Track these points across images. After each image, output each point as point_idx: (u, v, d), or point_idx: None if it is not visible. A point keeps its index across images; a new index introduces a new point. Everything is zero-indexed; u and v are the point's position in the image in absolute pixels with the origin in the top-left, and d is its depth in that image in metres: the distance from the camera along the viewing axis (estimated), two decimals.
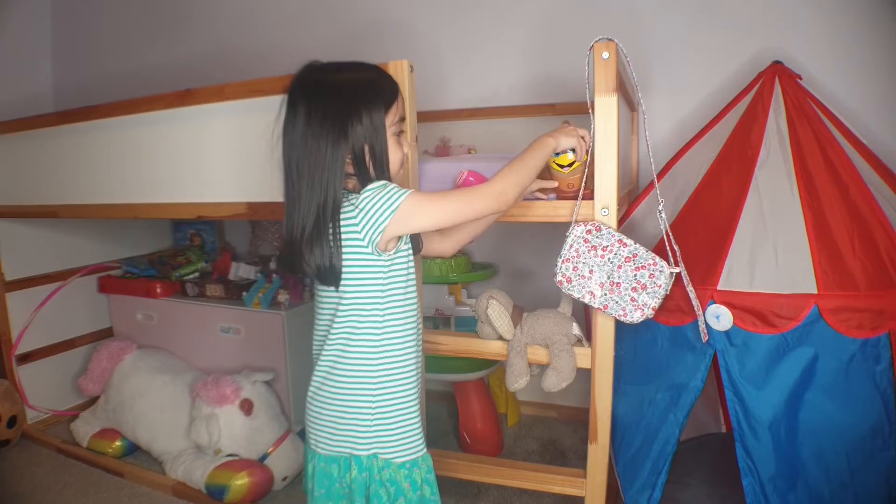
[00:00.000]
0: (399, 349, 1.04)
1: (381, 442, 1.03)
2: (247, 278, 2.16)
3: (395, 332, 1.03)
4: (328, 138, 0.96)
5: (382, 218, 0.96)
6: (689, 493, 1.44)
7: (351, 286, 1.01)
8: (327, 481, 1.05)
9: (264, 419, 1.84)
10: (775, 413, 1.13)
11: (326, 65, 1.03)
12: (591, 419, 1.26)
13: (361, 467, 1.02)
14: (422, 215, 1.00)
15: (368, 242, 0.98)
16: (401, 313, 1.04)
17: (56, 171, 1.86)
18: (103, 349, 2.16)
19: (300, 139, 0.98)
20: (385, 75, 1.06)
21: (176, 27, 2.63)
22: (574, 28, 1.98)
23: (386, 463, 1.03)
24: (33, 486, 1.85)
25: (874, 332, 1.09)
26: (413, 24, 2.19)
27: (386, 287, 1.01)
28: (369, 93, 1.00)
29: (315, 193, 0.97)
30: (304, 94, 0.99)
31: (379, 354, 1.02)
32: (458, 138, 2.02)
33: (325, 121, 0.96)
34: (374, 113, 0.99)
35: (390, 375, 1.03)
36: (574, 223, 1.20)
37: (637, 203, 1.51)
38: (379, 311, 1.02)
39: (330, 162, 0.96)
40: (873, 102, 1.69)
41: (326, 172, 0.96)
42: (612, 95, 1.14)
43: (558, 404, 2.17)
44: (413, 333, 1.07)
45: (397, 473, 1.03)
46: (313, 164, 0.97)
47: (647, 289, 1.16)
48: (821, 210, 1.21)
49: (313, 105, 0.98)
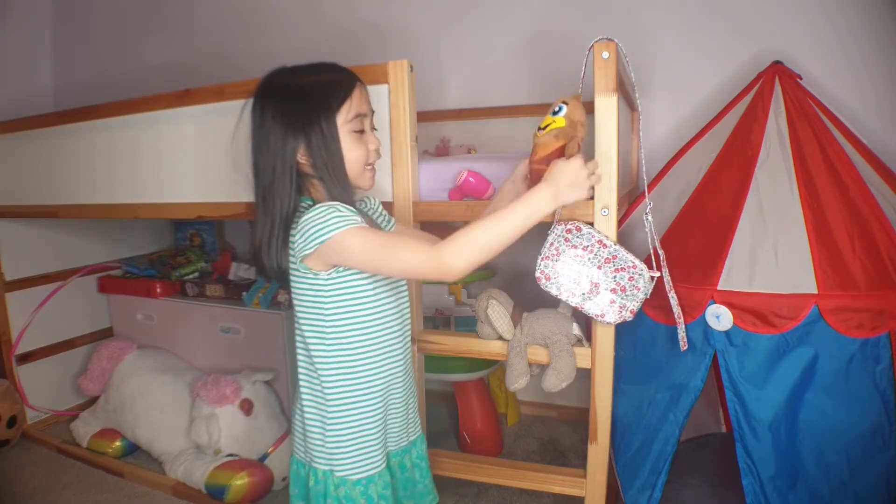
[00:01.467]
0: (356, 365, 1.01)
1: (336, 458, 1.02)
2: (247, 278, 2.16)
3: (349, 348, 1.00)
4: (276, 137, 0.97)
5: (310, 244, 0.93)
6: (689, 493, 1.45)
7: (297, 296, 1.01)
8: (299, 483, 1.08)
9: (264, 419, 1.84)
10: (775, 413, 1.13)
11: (284, 69, 1.04)
12: (591, 419, 1.26)
13: (317, 480, 1.03)
14: (350, 258, 0.94)
15: (296, 261, 0.98)
16: (359, 330, 1.00)
17: (56, 171, 1.86)
18: (103, 349, 2.16)
19: (256, 143, 1.00)
20: (341, 73, 1.03)
21: (176, 27, 2.63)
22: (574, 28, 1.98)
23: (342, 480, 1.01)
24: (33, 486, 1.85)
25: (874, 332, 1.09)
26: (413, 24, 2.19)
27: (330, 303, 0.98)
28: (319, 91, 0.99)
29: (270, 195, 0.99)
30: (258, 97, 1.01)
31: (330, 368, 1.01)
32: (458, 138, 2.02)
33: (274, 120, 0.98)
34: (322, 111, 0.98)
35: (345, 392, 1.01)
36: (556, 222, 1.20)
37: (637, 203, 1.51)
38: (325, 326, 0.99)
39: (279, 162, 0.98)
40: (873, 102, 1.69)
41: (278, 174, 0.98)
42: (612, 95, 1.13)
43: (558, 404, 2.17)
44: (378, 349, 1.02)
45: (353, 490, 1.01)
46: (266, 166, 0.99)
47: (626, 291, 1.16)
48: (821, 210, 1.21)
49: (265, 106, 0.99)
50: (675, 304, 1.16)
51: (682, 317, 1.16)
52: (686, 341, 1.16)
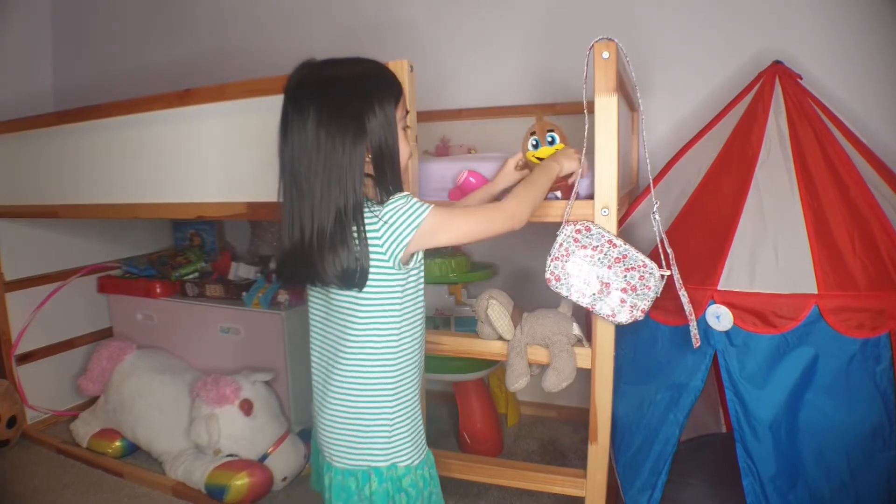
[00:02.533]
0: (411, 359, 1.05)
1: (399, 451, 1.03)
2: (247, 278, 2.16)
3: (409, 343, 1.04)
4: (345, 135, 0.92)
5: (406, 232, 0.95)
6: (689, 493, 1.44)
7: (370, 295, 0.98)
8: (345, 494, 1.04)
9: (264, 419, 1.84)
10: (776, 413, 1.12)
11: (326, 62, 1.00)
12: (591, 419, 1.26)
13: (382, 479, 1.02)
14: (443, 232, 1.00)
15: (390, 257, 0.96)
16: (415, 325, 1.05)
17: (56, 171, 1.86)
18: (103, 349, 2.16)
19: (312, 140, 0.93)
20: (387, 69, 1.03)
21: (176, 27, 2.63)
22: (574, 28, 1.98)
23: (406, 469, 1.03)
24: (33, 486, 1.85)
25: (874, 332, 1.09)
26: (413, 23, 2.19)
27: (403, 300, 1.01)
28: (381, 86, 0.98)
29: (333, 195, 0.92)
30: (311, 93, 0.95)
31: (396, 366, 1.02)
32: (458, 138, 2.02)
33: (342, 118, 0.93)
34: (386, 106, 0.96)
35: (405, 385, 1.04)
36: (565, 222, 1.20)
37: (637, 203, 1.51)
38: (396, 323, 1.01)
39: (349, 160, 0.93)
40: (873, 102, 1.69)
41: (346, 171, 0.92)
42: (612, 95, 1.13)
43: (558, 404, 2.17)
44: (421, 339, 1.08)
45: (415, 476, 1.04)
46: (330, 165, 0.92)
47: (636, 290, 1.16)
48: (821, 210, 1.21)
49: (324, 102, 0.93)
50: (685, 301, 1.15)
51: (693, 314, 1.16)
52: (699, 338, 1.15)
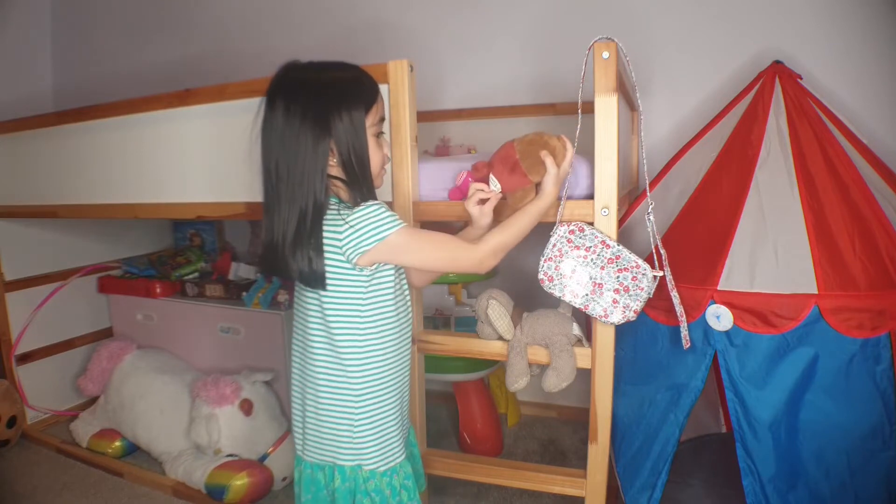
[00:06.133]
0: (382, 362, 1.03)
1: (364, 453, 1.03)
2: (246, 278, 2.16)
3: (376, 345, 1.03)
4: (308, 137, 0.94)
5: (367, 242, 0.95)
6: (689, 493, 1.44)
7: (332, 294, 1.00)
8: (314, 487, 1.06)
9: (264, 419, 1.84)
10: (775, 413, 1.13)
11: (307, 64, 1.02)
12: (591, 419, 1.26)
13: (345, 477, 1.03)
14: (407, 254, 1.01)
15: (347, 259, 0.97)
16: (383, 328, 1.03)
17: (56, 171, 1.86)
18: (103, 349, 2.16)
19: (279, 139, 0.96)
20: (366, 75, 1.04)
21: (176, 27, 2.63)
22: (574, 28, 1.98)
23: (371, 473, 1.03)
24: (33, 486, 1.85)
25: (874, 332, 1.09)
26: (413, 23, 2.19)
27: (367, 299, 1.01)
28: (350, 92, 0.98)
29: (297, 196, 0.95)
30: (283, 93, 0.97)
31: (361, 366, 1.02)
32: (458, 138, 2.02)
33: (305, 119, 0.94)
34: (353, 112, 0.97)
35: (373, 386, 1.03)
36: (558, 223, 1.20)
37: (637, 203, 1.51)
38: (359, 324, 1.01)
39: (310, 162, 0.95)
40: (873, 102, 1.69)
41: (307, 173, 0.95)
42: (612, 95, 1.14)
43: (558, 404, 2.17)
44: (397, 343, 1.06)
45: (380, 482, 1.03)
46: (293, 165, 0.95)
47: (629, 291, 1.16)
48: (821, 210, 1.21)
49: (292, 103, 0.95)
50: (677, 302, 1.16)
51: (685, 315, 1.16)
52: (689, 340, 1.16)
